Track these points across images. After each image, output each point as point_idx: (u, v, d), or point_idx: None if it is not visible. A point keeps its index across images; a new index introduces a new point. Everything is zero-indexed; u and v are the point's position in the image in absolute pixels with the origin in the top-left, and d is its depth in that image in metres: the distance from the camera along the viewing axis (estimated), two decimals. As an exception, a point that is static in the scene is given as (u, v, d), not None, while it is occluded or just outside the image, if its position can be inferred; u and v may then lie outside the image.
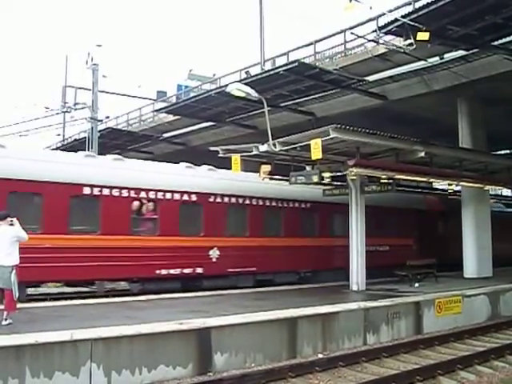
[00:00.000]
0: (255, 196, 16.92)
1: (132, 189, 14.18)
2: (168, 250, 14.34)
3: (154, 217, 14.57)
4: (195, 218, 15.45)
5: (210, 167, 16.91)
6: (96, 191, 13.53)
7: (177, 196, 15.02)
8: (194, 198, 15.35)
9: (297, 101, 19.81)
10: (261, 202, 17.07)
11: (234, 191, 16.40)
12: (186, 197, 15.18)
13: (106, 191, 13.68)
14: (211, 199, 15.74)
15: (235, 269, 15.81)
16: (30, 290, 13.32)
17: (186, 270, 14.77)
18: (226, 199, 16.16)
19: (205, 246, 15.29)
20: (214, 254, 15.42)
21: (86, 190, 13.38)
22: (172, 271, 14.47)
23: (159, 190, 14.65)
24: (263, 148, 14.36)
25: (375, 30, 14.78)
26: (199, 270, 15.04)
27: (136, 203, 14.34)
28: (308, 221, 18.44)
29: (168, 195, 14.83)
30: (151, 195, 14.53)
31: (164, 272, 14.32)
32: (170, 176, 15.47)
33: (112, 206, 13.70)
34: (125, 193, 14.03)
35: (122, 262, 13.39)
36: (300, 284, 16.68)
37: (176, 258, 14.46)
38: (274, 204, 17.44)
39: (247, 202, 16.72)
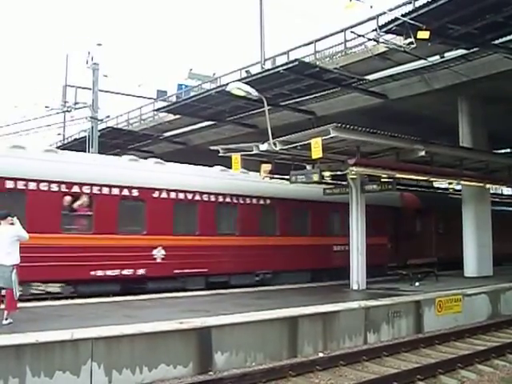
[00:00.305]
0: (206, 191, 15.69)
1: (63, 183, 13.07)
2: (104, 249, 13.27)
3: (89, 213, 13.47)
4: (137, 215, 14.33)
5: (158, 160, 16.07)
6: (21, 185, 12.49)
7: (115, 191, 13.88)
8: (135, 193, 14.21)
9: (297, 100, 19.81)
10: (213, 198, 15.83)
11: (182, 186, 15.21)
12: (126, 192, 14.05)
13: (32, 185, 12.64)
14: (155, 195, 14.57)
15: (183, 270, 14.72)
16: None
17: (126, 272, 13.64)
18: (173, 195, 14.96)
19: (148, 245, 14.18)
20: (159, 253, 14.32)
21: (9, 184, 12.36)
22: (109, 272, 13.37)
23: (95, 184, 13.55)
24: (263, 147, 14.35)
25: (375, 29, 14.75)
26: (141, 272, 13.95)
27: (68, 198, 13.24)
28: (267, 218, 17.18)
29: (105, 190, 13.70)
30: (85, 190, 13.41)
31: (100, 273, 13.22)
32: (107, 169, 14.37)
33: (40, 201, 12.59)
34: (54, 187, 12.93)
35: (51, 263, 12.31)
36: (257, 286, 15.64)
37: (114, 258, 13.37)
38: (227, 200, 16.21)
39: (197, 197, 15.47)
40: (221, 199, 16.06)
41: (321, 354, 10.02)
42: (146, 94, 32.19)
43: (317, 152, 12.55)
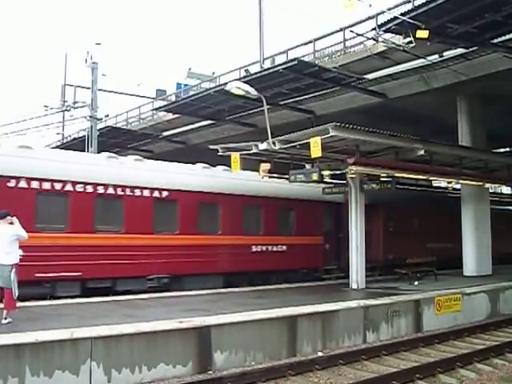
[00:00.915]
0: (81, 181, 13.48)
1: None
2: None
3: None
4: None
5: (23, 144, 13.84)
6: None
7: None
8: None
9: (296, 99, 19.80)
10: (90, 189, 13.59)
11: (48, 174, 13.05)
12: None
13: None
14: (11, 184, 12.42)
15: (49, 274, 12.43)
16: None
17: None
18: (35, 184, 12.78)
19: None
20: None
21: None
22: None
23: None
24: (263, 146, 14.36)
25: (375, 28, 14.75)
26: None
27: None
28: (164, 213, 14.86)
29: None
30: None
31: None
32: None
33: None
34: None
35: None
36: (154, 292, 13.64)
37: None
38: (110, 191, 13.96)
39: (69, 187, 13.25)
40: (101, 190, 13.86)
41: (320, 354, 10.03)
42: (145, 94, 32.27)
43: (316, 151, 12.55)
